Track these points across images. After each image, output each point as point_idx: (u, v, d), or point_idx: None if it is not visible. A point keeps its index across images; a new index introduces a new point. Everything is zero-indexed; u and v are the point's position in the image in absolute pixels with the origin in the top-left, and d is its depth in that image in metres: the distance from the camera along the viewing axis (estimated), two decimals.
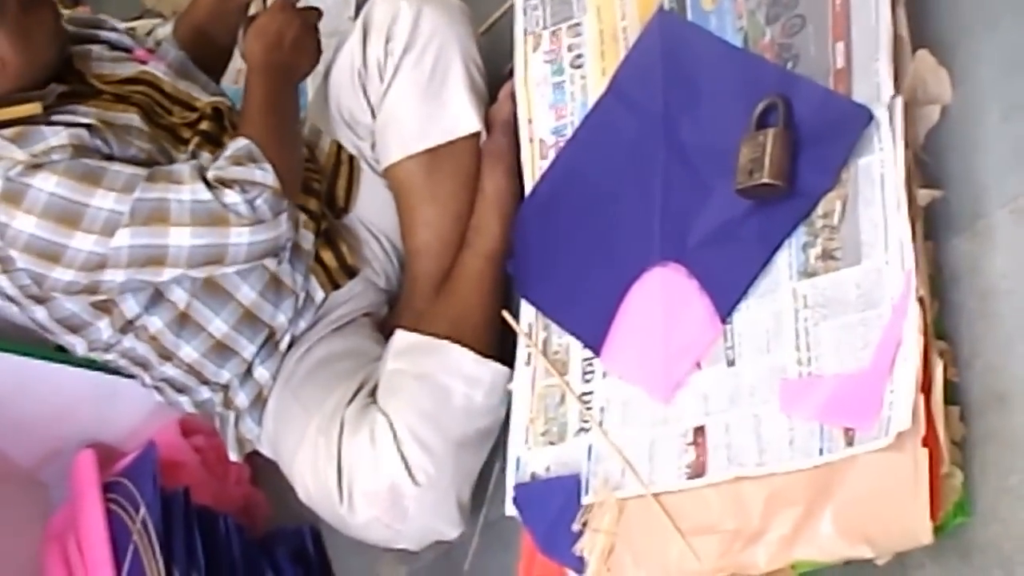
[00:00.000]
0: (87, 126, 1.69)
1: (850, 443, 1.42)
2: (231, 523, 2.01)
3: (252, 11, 1.94)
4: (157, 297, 1.79)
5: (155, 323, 1.82)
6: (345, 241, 1.95)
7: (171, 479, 1.99)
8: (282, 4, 1.86)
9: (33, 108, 1.69)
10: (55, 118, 1.70)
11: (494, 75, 2.03)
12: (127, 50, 1.91)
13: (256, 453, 1.98)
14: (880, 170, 1.52)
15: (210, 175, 1.68)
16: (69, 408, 2.06)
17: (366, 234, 2.00)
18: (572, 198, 1.83)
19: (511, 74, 1.97)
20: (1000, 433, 1.42)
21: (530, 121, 1.92)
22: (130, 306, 1.79)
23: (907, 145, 1.53)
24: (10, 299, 1.76)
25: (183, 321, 1.82)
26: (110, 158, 1.69)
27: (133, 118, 1.77)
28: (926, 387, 1.40)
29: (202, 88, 1.94)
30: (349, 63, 1.97)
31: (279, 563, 2.02)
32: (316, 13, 1.89)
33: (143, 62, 1.88)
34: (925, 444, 1.37)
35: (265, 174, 1.69)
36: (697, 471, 1.54)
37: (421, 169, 1.93)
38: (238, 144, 1.72)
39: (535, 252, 1.86)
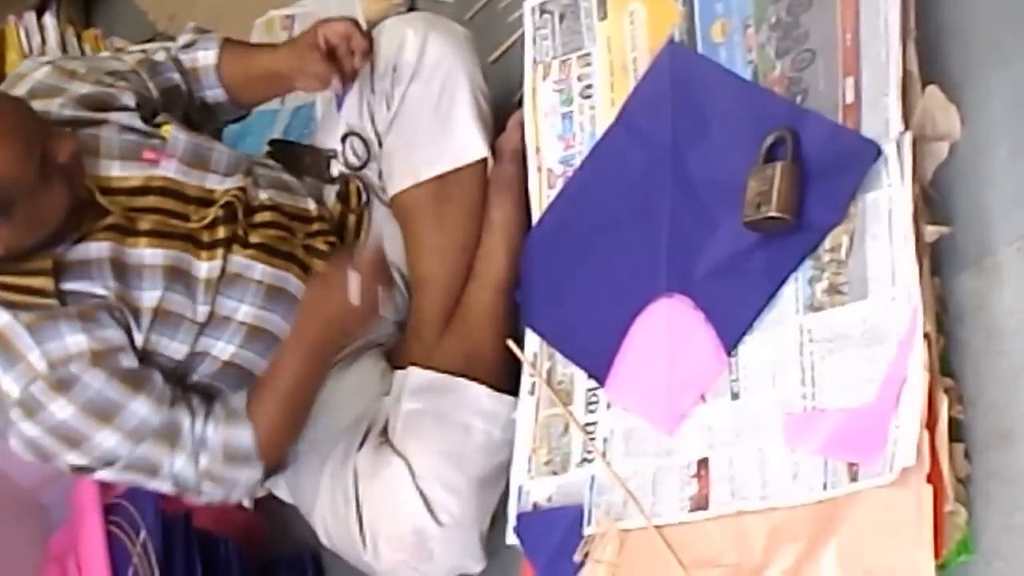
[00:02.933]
0: (101, 298, 1.68)
1: (854, 478, 1.42)
2: (231, 547, 2.01)
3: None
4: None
5: None
6: None
7: (172, 502, 1.98)
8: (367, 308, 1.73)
9: (44, 283, 1.66)
10: (68, 285, 1.67)
11: (504, 104, 2.03)
12: (139, 132, 1.80)
13: None
14: (888, 205, 1.52)
15: (202, 464, 1.72)
16: None
17: None
18: (579, 228, 1.83)
19: (520, 103, 1.98)
20: (1004, 471, 1.42)
21: (538, 150, 1.92)
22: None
23: (915, 181, 1.53)
24: None
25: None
26: (125, 328, 1.70)
27: (144, 253, 1.73)
28: (931, 424, 1.39)
29: (215, 170, 1.83)
30: (357, 90, 1.97)
31: None
32: (388, 276, 1.79)
33: (154, 161, 1.79)
34: (929, 481, 1.36)
35: (251, 474, 1.75)
36: (700, 504, 1.54)
37: (428, 196, 1.93)
38: (240, 437, 1.73)
39: (541, 281, 1.86)
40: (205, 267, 1.76)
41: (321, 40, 1.84)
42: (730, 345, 1.60)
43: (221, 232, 1.78)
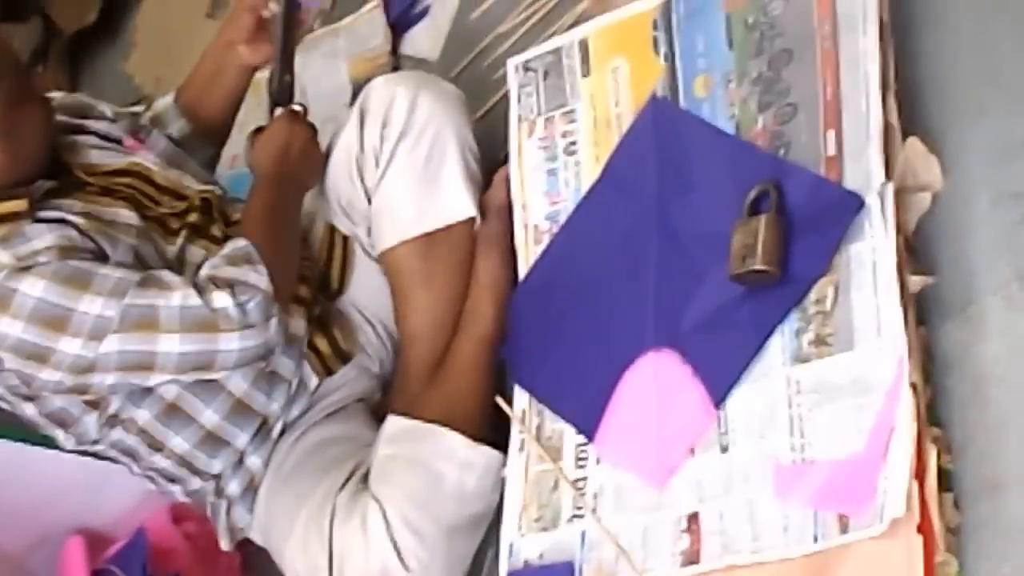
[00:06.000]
0: (73, 225, 1.68)
1: (844, 530, 1.41)
2: None
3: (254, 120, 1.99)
4: (145, 390, 1.78)
5: (143, 415, 1.81)
6: (339, 326, 1.95)
7: (161, 566, 1.97)
8: (289, 116, 1.90)
9: (19, 205, 1.67)
10: (41, 214, 1.69)
11: (490, 160, 2.04)
12: (116, 140, 1.90)
13: (247, 540, 1.96)
14: (872, 256, 1.53)
15: (204, 272, 1.68)
16: (59, 494, 2.05)
17: (360, 320, 2.00)
18: (566, 284, 1.84)
19: (507, 159, 1.99)
20: (994, 520, 1.41)
21: (524, 207, 1.93)
22: (116, 398, 1.78)
23: (898, 231, 1.53)
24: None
25: (172, 412, 1.82)
26: (98, 255, 1.68)
27: (120, 212, 1.76)
28: (920, 474, 1.39)
29: (192, 176, 1.93)
30: (346, 148, 1.98)
31: None
32: (314, 128, 1.94)
33: (133, 150, 1.88)
34: (919, 531, 1.36)
35: (259, 276, 1.68)
36: (691, 558, 1.53)
37: (416, 254, 1.93)
38: (237, 244, 1.72)
39: (529, 337, 1.86)
40: (172, 249, 1.80)
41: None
42: (718, 398, 1.60)
43: (192, 218, 1.83)
